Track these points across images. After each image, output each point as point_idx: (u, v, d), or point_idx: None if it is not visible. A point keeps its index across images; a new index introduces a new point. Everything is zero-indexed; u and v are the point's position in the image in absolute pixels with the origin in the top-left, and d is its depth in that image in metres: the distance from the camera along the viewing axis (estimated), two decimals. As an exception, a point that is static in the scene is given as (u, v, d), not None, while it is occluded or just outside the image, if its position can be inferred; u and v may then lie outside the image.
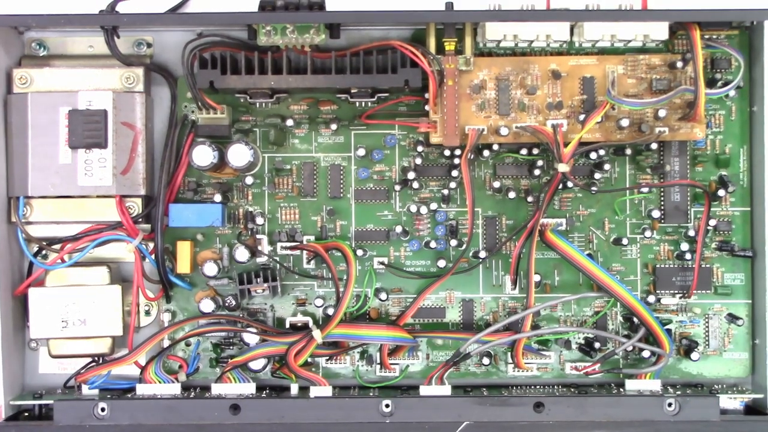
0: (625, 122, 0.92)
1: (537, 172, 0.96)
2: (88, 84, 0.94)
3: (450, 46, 0.92)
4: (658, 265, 0.97)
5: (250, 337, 0.94)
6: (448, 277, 0.96)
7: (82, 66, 0.95)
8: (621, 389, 0.94)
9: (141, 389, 0.93)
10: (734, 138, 0.98)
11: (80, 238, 0.93)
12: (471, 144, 0.92)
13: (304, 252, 0.97)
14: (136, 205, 0.94)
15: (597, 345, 0.96)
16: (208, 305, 0.94)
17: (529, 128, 0.93)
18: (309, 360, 0.96)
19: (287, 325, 0.96)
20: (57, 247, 0.94)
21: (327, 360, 0.97)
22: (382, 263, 0.97)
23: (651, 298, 0.97)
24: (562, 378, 0.98)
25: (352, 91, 0.94)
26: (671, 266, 0.97)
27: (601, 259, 0.98)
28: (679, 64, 0.93)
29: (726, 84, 0.95)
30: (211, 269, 0.95)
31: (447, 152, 0.95)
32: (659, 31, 0.92)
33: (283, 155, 0.98)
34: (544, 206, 0.93)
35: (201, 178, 0.97)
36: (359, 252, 0.97)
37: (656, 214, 0.96)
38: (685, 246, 0.96)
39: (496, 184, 0.96)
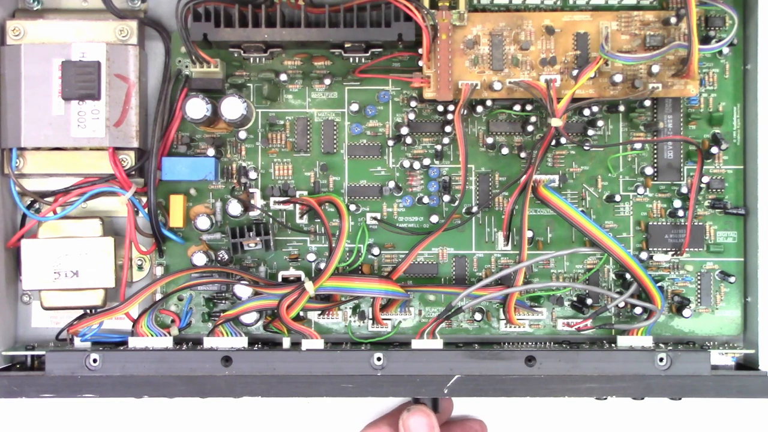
0: (618, 77, 0.92)
1: (530, 128, 0.96)
2: (81, 36, 0.94)
3: (444, 1, 0.92)
4: (650, 223, 0.97)
5: (243, 290, 0.94)
6: (441, 233, 0.96)
7: (76, 18, 0.95)
8: (613, 345, 0.94)
9: (133, 342, 0.93)
10: (728, 96, 0.98)
11: (73, 190, 0.93)
12: (464, 98, 0.92)
13: (297, 206, 0.97)
14: (129, 158, 0.94)
15: (589, 302, 0.96)
16: (200, 258, 0.94)
17: (522, 83, 0.93)
18: (301, 315, 0.96)
19: (280, 279, 0.96)
20: (50, 199, 0.93)
21: (319, 315, 0.97)
22: (375, 219, 0.97)
23: (643, 255, 0.97)
24: (554, 334, 0.98)
25: (346, 46, 0.94)
26: (664, 224, 0.97)
27: (594, 216, 0.98)
28: (673, 20, 0.93)
29: (719, 42, 0.94)
30: (203, 223, 0.95)
31: (440, 108, 0.96)
32: (653, -14, 0.92)
33: (276, 111, 0.98)
34: (537, 161, 0.93)
35: (194, 133, 0.97)
36: (352, 207, 0.97)
37: (649, 171, 0.96)
38: (677, 203, 0.96)
39: (489, 141, 0.96)
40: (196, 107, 0.92)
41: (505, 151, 0.97)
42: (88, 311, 0.94)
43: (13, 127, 0.92)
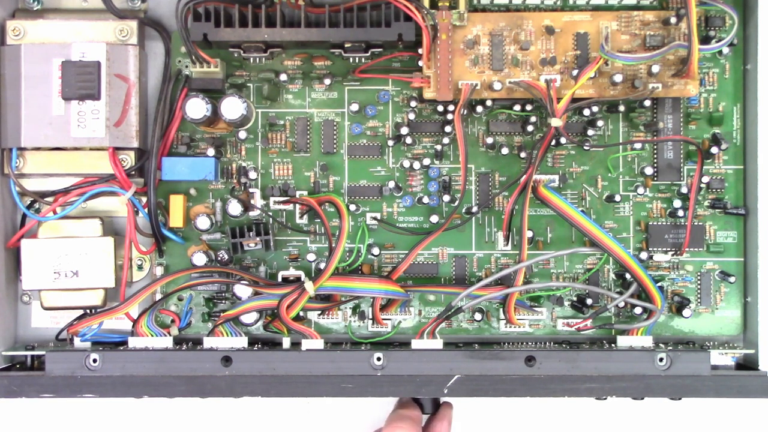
0: (618, 77, 0.92)
1: (530, 128, 0.96)
2: (81, 36, 0.94)
3: (444, 1, 0.92)
4: (650, 223, 0.97)
5: (243, 290, 0.94)
6: (441, 233, 0.96)
7: (76, 18, 0.94)
8: (613, 345, 0.94)
9: (133, 342, 0.93)
10: (728, 96, 0.98)
11: (73, 190, 0.93)
12: (464, 98, 0.92)
13: (297, 206, 0.97)
14: (129, 158, 0.94)
15: (589, 302, 0.96)
16: (200, 258, 0.94)
17: (522, 83, 0.93)
18: (301, 315, 0.96)
19: (280, 279, 0.96)
20: (50, 199, 0.93)
21: (319, 315, 0.97)
22: (375, 219, 0.97)
23: (643, 255, 0.96)
24: (554, 334, 0.98)
25: (346, 46, 0.94)
26: (664, 224, 0.97)
27: (594, 216, 0.98)
28: (673, 20, 0.93)
29: (719, 42, 0.94)
30: (203, 223, 0.95)
31: (440, 108, 0.95)
32: (653, -14, 0.92)
33: (276, 111, 0.98)
34: (537, 161, 0.93)
35: (194, 133, 0.97)
36: (352, 207, 0.97)
37: (649, 171, 0.96)
38: (677, 203, 0.96)
39: (489, 141, 0.96)
40: (196, 107, 0.92)
41: (505, 151, 0.97)
42: (88, 311, 0.94)
43: (13, 127, 0.92)
